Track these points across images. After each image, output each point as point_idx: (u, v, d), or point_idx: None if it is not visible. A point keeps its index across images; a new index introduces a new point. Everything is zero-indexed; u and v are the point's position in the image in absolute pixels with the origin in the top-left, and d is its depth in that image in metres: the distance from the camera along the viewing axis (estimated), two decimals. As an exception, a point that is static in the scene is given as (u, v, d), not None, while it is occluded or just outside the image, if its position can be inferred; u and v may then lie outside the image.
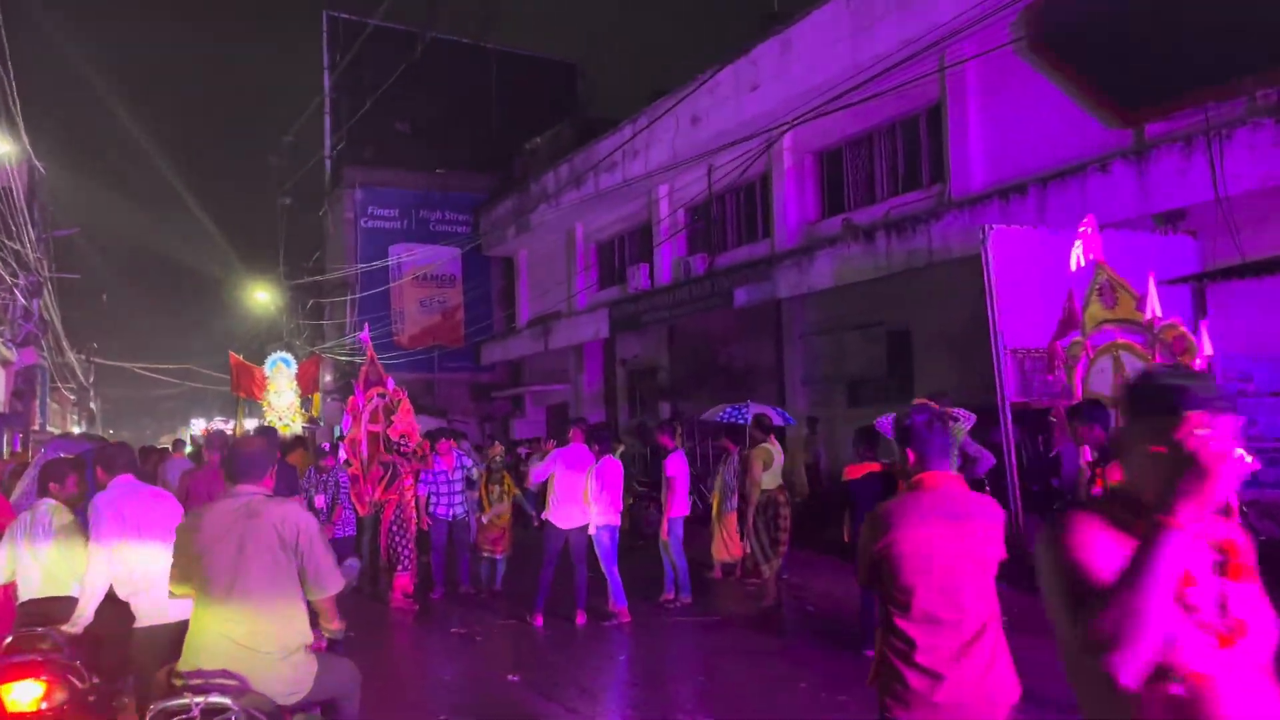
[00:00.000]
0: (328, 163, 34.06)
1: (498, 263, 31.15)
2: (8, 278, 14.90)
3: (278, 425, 17.35)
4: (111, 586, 4.73)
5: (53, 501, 5.16)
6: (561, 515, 7.98)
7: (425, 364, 29.56)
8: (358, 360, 26.32)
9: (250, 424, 21.30)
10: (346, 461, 11.64)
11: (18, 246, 14.99)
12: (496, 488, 9.38)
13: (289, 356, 18.03)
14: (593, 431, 8.24)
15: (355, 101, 31.69)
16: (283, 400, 17.65)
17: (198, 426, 30.07)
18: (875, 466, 6.82)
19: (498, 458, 9.77)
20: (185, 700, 3.31)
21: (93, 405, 46.18)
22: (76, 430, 34.51)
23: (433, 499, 9.23)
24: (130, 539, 4.69)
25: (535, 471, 8.07)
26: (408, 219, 30.33)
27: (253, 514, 3.60)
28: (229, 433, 20.43)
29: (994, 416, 11.42)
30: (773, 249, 18.07)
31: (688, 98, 18.77)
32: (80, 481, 5.30)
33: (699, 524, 13.36)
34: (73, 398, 40.45)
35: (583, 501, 7.94)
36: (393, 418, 9.16)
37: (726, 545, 9.68)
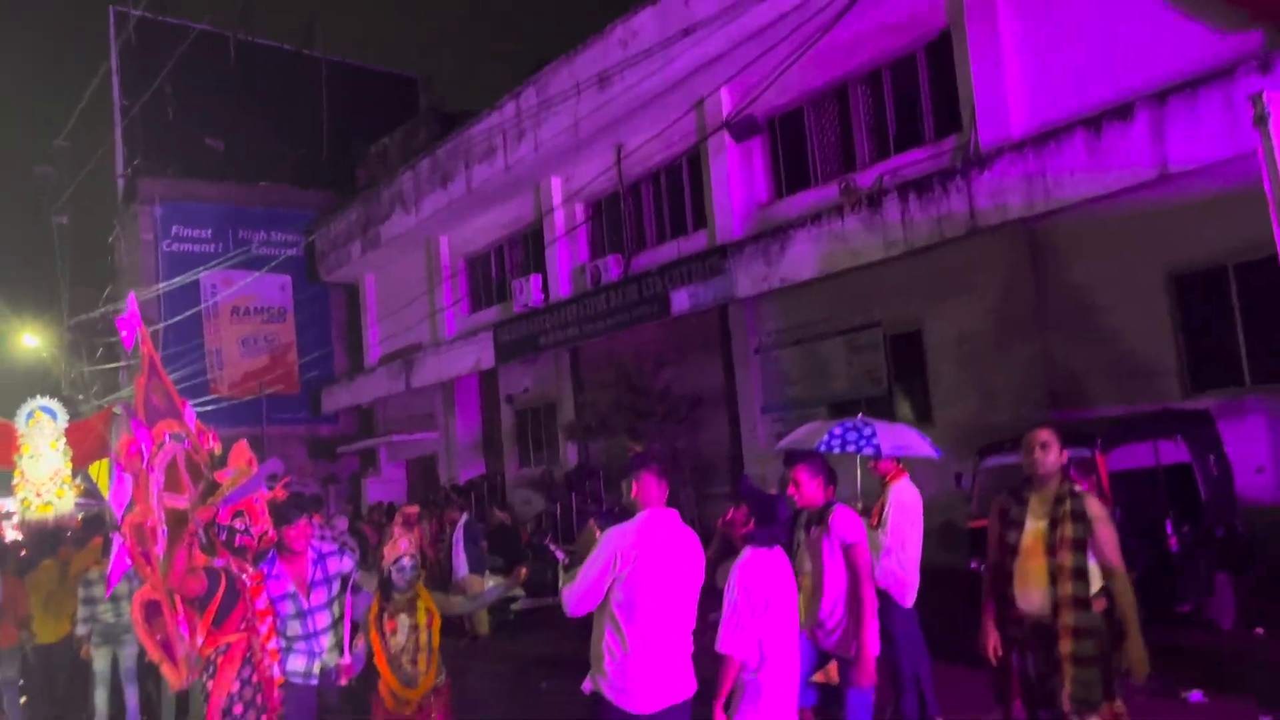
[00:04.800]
0: (120, 181, 28.11)
1: (338, 291, 26.05)
2: None
3: (33, 505, 11.96)
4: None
5: None
6: (644, 683, 3.62)
7: (251, 415, 23.93)
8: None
9: (3, 503, 15.50)
10: (129, 575, 6.80)
11: None
12: (403, 618, 4.77)
13: (53, 405, 12.61)
14: (756, 498, 3.82)
15: (155, 113, 26.10)
16: (42, 467, 12.19)
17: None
18: None
19: (403, 562, 4.92)
20: None
21: None
22: None
23: (279, 641, 4.67)
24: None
25: (573, 592, 3.60)
26: (223, 241, 24.80)
27: None
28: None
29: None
30: (712, 240, 14.22)
31: (591, 49, 14.84)
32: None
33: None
34: None
35: (687, 645, 3.66)
36: (217, 480, 4.58)
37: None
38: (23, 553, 9.24)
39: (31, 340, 24.37)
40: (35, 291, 28.47)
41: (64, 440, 12.68)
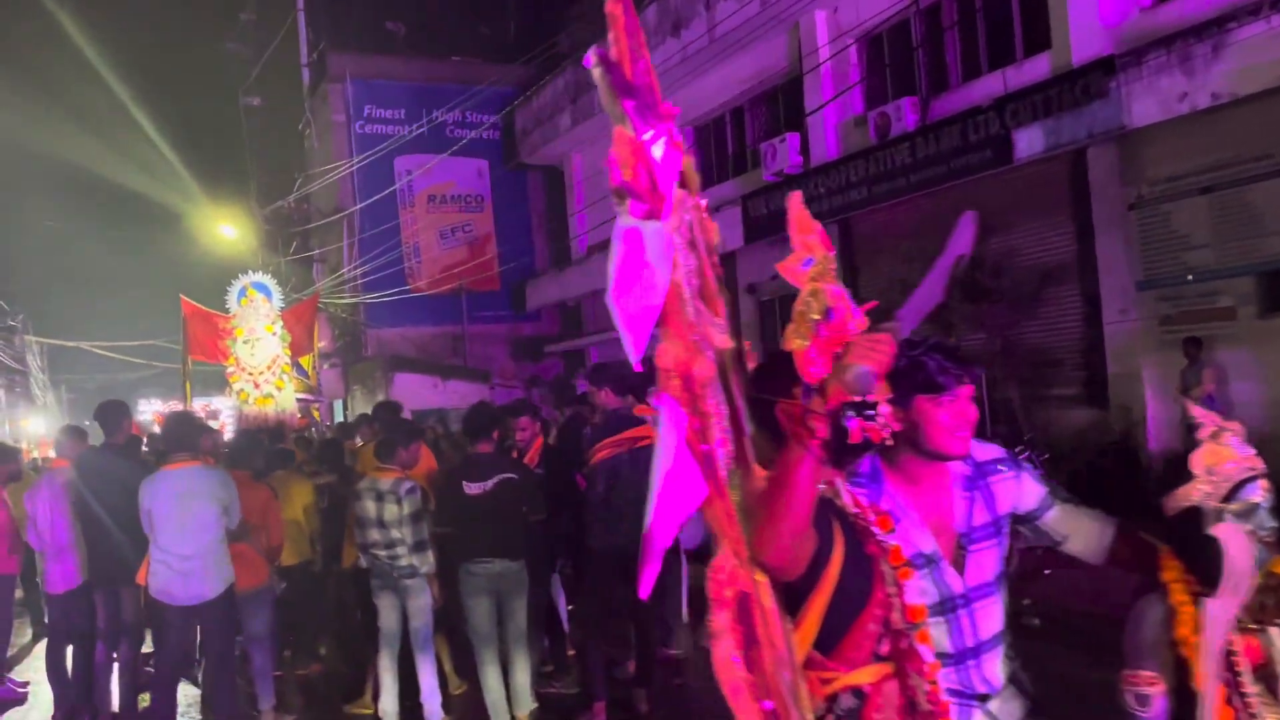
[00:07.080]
0: (305, 72, 26.49)
1: (537, 176, 23.75)
2: None
3: (252, 397, 10.07)
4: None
5: None
6: None
7: (451, 313, 22.25)
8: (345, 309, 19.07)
9: (209, 402, 14.06)
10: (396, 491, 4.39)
11: None
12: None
13: (266, 282, 10.67)
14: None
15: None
16: (260, 354, 10.22)
17: (148, 411, 22.70)
18: None
19: (1253, 491, 1.93)
20: None
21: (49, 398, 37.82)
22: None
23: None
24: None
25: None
26: (416, 122, 22.78)
27: None
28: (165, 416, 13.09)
29: None
30: (1063, 63, 10.77)
31: None
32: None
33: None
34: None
35: None
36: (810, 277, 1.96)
37: None
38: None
39: (229, 231, 23.27)
40: (229, 180, 27.47)
41: (281, 324, 10.75)
